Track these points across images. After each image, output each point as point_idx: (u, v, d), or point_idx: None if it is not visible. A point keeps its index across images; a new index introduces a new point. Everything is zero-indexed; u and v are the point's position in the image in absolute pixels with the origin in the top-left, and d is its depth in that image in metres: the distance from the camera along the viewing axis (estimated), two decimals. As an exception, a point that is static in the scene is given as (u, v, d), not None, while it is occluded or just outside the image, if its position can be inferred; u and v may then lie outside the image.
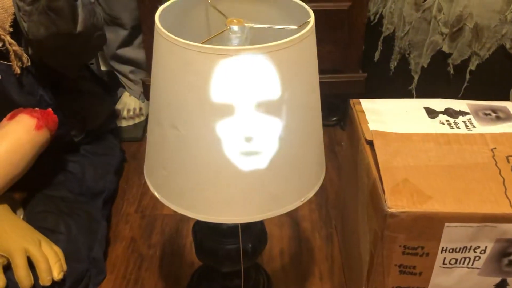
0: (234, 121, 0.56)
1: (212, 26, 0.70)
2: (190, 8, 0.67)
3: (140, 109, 1.42)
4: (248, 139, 0.57)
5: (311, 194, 0.66)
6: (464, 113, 0.82)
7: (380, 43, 1.23)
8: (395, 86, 1.23)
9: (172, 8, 0.63)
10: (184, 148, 0.59)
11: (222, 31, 0.61)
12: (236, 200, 0.61)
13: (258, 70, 0.54)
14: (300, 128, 0.61)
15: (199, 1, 0.67)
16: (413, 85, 1.17)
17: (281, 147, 0.59)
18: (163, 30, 0.55)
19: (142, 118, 1.41)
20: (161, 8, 0.61)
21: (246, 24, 0.61)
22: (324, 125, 1.37)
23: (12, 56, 0.89)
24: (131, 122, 1.39)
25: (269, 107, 0.56)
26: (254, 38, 0.65)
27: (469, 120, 0.80)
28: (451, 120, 0.80)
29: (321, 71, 0.64)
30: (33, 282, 0.79)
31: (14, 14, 0.86)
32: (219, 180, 0.59)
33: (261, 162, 0.59)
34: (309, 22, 0.59)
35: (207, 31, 0.70)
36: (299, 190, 0.64)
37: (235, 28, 0.61)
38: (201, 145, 0.58)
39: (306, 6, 0.62)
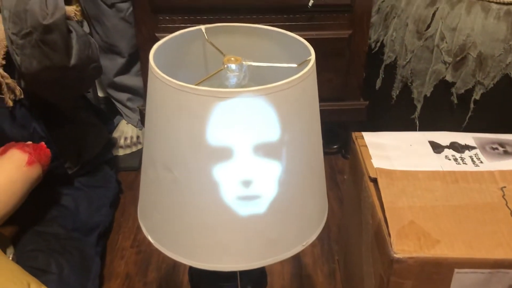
0: (232, 164, 0.53)
1: (210, 61, 0.68)
2: (186, 43, 0.65)
3: (138, 137, 1.39)
4: (246, 183, 0.54)
5: (313, 238, 0.63)
6: (470, 148, 0.79)
7: (381, 71, 1.20)
8: (397, 115, 1.21)
9: (167, 45, 0.61)
10: (178, 192, 0.56)
11: (220, 70, 0.59)
12: (234, 247, 0.57)
13: (257, 112, 0.51)
14: (301, 170, 0.58)
15: (196, 37, 0.65)
16: (416, 114, 1.15)
17: (280, 191, 0.56)
18: (157, 70, 0.53)
19: (140, 147, 1.39)
20: (155, 46, 0.58)
21: (244, 63, 0.59)
22: (325, 153, 1.34)
23: (5, 89, 0.87)
24: (128, 151, 1.37)
25: (268, 150, 0.54)
26: (252, 75, 0.62)
27: (476, 155, 0.77)
28: (457, 155, 0.77)
29: (322, 99, 0.62)
30: (21, 328, 0.75)
31: (7, 46, 0.84)
32: (215, 226, 0.56)
33: (260, 206, 0.56)
34: (309, 60, 0.56)
35: (205, 67, 0.68)
36: (300, 235, 0.61)
37: (233, 66, 0.58)
38: (196, 189, 0.55)
39: (306, 43, 0.60)
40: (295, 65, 0.59)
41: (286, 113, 0.53)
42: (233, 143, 0.52)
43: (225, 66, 0.59)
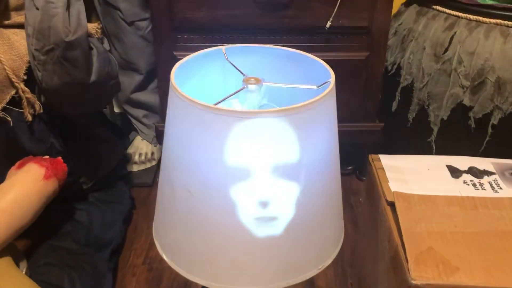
0: (250, 184, 0.53)
1: (229, 81, 0.68)
2: (207, 63, 0.65)
3: (152, 153, 1.40)
4: (264, 204, 0.54)
5: (329, 261, 0.62)
6: (489, 173, 0.78)
7: (398, 94, 1.20)
8: (413, 137, 1.20)
9: (188, 64, 0.61)
10: (195, 211, 0.56)
11: (239, 90, 0.59)
12: (249, 269, 0.57)
13: (276, 133, 0.51)
14: (319, 192, 0.57)
15: (215, 57, 0.65)
16: (432, 137, 1.14)
17: (298, 213, 0.56)
18: (178, 89, 0.53)
19: (154, 163, 1.39)
20: (177, 65, 0.59)
21: (264, 83, 0.59)
22: (339, 175, 1.34)
23: (25, 104, 0.88)
24: (142, 167, 1.37)
25: (286, 171, 0.53)
26: (271, 95, 0.62)
27: (495, 180, 0.76)
28: (476, 180, 0.76)
29: (338, 120, 0.62)
30: None
31: (29, 62, 0.86)
32: (231, 246, 0.56)
33: (276, 228, 0.55)
34: (329, 82, 0.56)
35: (224, 87, 0.68)
36: (316, 257, 0.60)
37: (253, 87, 0.59)
38: (213, 209, 0.55)
39: (326, 65, 0.60)
40: (315, 87, 0.59)
41: (305, 135, 0.53)
42: (251, 163, 0.52)
43: (245, 86, 0.59)
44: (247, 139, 0.51)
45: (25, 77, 0.87)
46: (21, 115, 0.89)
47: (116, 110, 1.54)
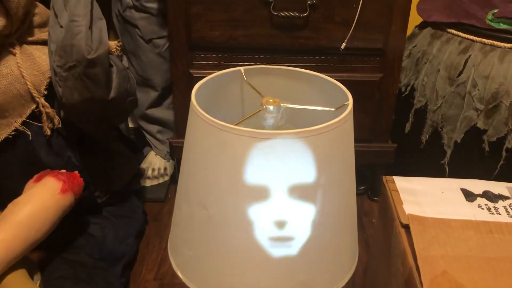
0: (267, 204, 0.53)
1: (247, 101, 0.69)
2: (225, 83, 0.67)
3: (165, 169, 1.41)
4: (281, 224, 0.54)
5: (343, 282, 0.62)
6: (504, 197, 0.78)
7: (411, 115, 1.21)
8: (426, 159, 1.20)
9: (208, 84, 0.63)
10: (212, 229, 0.56)
11: (258, 111, 0.60)
12: (264, 288, 0.57)
13: (295, 154, 0.52)
14: (335, 213, 0.58)
15: (234, 77, 0.67)
16: (446, 160, 1.14)
17: (314, 233, 0.56)
18: (199, 109, 0.54)
19: (167, 178, 1.40)
20: (197, 85, 0.60)
21: (282, 104, 0.60)
22: (351, 194, 1.34)
23: (44, 118, 0.90)
24: (155, 182, 1.38)
25: (303, 192, 0.54)
26: (289, 117, 0.63)
27: (510, 205, 0.76)
28: (491, 204, 0.76)
29: None
30: None
31: (50, 77, 0.88)
32: (247, 265, 0.56)
33: (292, 248, 0.56)
34: (347, 105, 0.57)
35: (241, 107, 0.70)
36: (331, 279, 0.60)
37: (271, 108, 0.60)
38: (230, 227, 0.55)
39: (343, 88, 0.61)
40: (333, 109, 0.60)
41: (323, 156, 0.54)
42: (269, 184, 0.53)
43: (264, 107, 0.60)
44: (266, 159, 0.52)
45: (45, 92, 0.89)
46: (40, 129, 0.91)
47: (131, 125, 1.56)
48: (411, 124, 1.21)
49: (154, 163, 1.41)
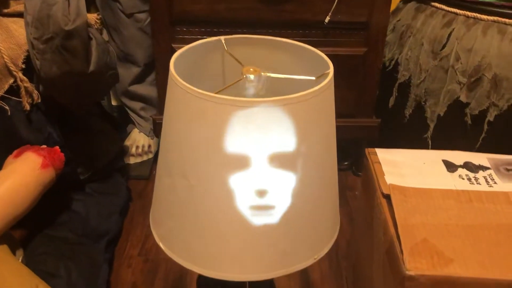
0: (247, 173, 0.53)
1: (228, 72, 0.68)
2: (205, 53, 0.65)
3: (149, 146, 1.40)
4: (261, 193, 0.54)
5: (325, 251, 0.62)
6: (484, 168, 0.79)
7: (395, 90, 1.21)
8: (409, 134, 1.20)
9: (188, 53, 0.62)
10: (193, 199, 0.56)
11: (238, 80, 0.59)
12: (245, 257, 0.57)
13: (275, 122, 0.52)
14: (316, 182, 0.58)
15: (215, 47, 0.66)
16: (429, 134, 1.15)
17: (294, 202, 0.56)
18: (177, 77, 0.54)
19: (151, 156, 1.39)
20: (176, 53, 0.59)
21: (262, 74, 0.60)
22: (336, 170, 1.34)
23: (23, 93, 0.88)
24: (139, 160, 1.37)
25: (284, 161, 0.54)
26: (270, 86, 0.63)
27: (490, 175, 0.77)
28: (471, 175, 0.77)
29: (335, 115, 0.62)
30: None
31: (28, 51, 0.86)
32: (228, 234, 0.56)
33: (273, 217, 0.56)
34: (328, 73, 0.57)
35: (222, 77, 0.69)
36: (312, 247, 0.61)
37: (252, 77, 0.59)
38: (211, 197, 0.55)
39: (324, 56, 0.61)
40: (313, 78, 0.59)
41: (304, 125, 0.53)
42: (249, 152, 0.52)
43: (244, 76, 0.59)
44: (246, 128, 0.51)
45: (23, 66, 0.87)
46: (19, 105, 0.89)
47: (114, 102, 1.54)
48: (395, 98, 1.22)
49: (138, 140, 1.40)
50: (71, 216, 0.98)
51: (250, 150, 0.52)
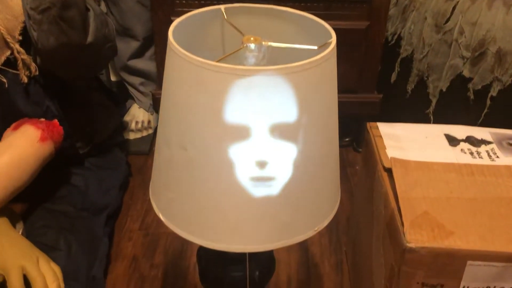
0: (248, 144, 0.52)
1: (228, 42, 0.67)
2: (205, 22, 0.64)
3: (149, 122, 1.39)
4: (261, 164, 0.54)
5: (325, 223, 0.62)
6: (486, 142, 0.78)
7: (397, 65, 1.19)
8: (411, 109, 1.19)
9: (186, 22, 0.60)
10: (192, 170, 0.56)
11: (239, 49, 0.58)
12: (245, 228, 0.57)
13: (276, 92, 0.51)
14: (317, 154, 0.57)
15: (214, 16, 0.64)
16: (431, 109, 1.14)
17: (295, 174, 0.55)
18: (176, 46, 0.52)
19: (150, 131, 1.39)
20: (175, 22, 0.58)
21: (263, 43, 0.58)
22: (336, 146, 1.34)
23: (20, 65, 0.87)
24: (138, 135, 1.37)
25: (285, 131, 0.53)
26: (271, 57, 0.62)
27: (492, 150, 0.76)
28: (473, 149, 0.76)
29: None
30: (28, 302, 0.75)
31: (24, 22, 0.84)
32: (228, 205, 0.56)
33: (273, 188, 0.55)
34: (330, 43, 0.56)
35: (222, 47, 0.67)
36: (312, 219, 0.60)
37: (252, 46, 0.58)
38: (211, 168, 0.54)
39: (327, 26, 0.59)
40: (315, 47, 0.58)
41: (305, 95, 0.52)
42: (250, 122, 0.51)
43: (244, 45, 0.58)
44: (246, 97, 0.50)
45: (20, 38, 0.86)
46: (17, 77, 0.88)
47: (113, 78, 1.53)
48: (397, 74, 1.20)
49: (138, 116, 1.39)
50: (71, 190, 0.98)
51: (250, 120, 0.51)
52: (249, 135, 0.52)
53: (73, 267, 0.84)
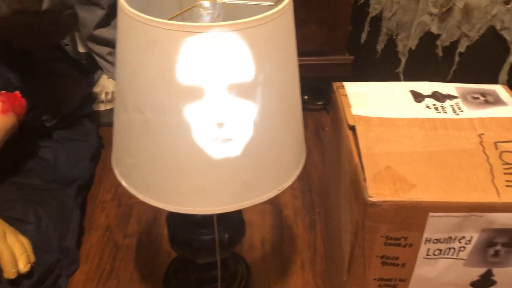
0: (204, 104, 0.52)
1: (186, 4, 0.65)
2: (159, -18, 0.62)
3: (119, 92, 1.37)
4: (220, 125, 0.53)
5: (289, 182, 0.62)
6: (452, 97, 0.79)
7: (367, 24, 1.18)
8: (382, 69, 1.19)
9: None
10: (150, 133, 0.55)
11: (192, 7, 0.56)
12: (208, 190, 0.57)
13: (230, 49, 0.50)
14: (277, 112, 0.57)
15: (169, -25, 0.62)
16: (401, 68, 1.14)
17: (255, 133, 0.55)
18: (125, 5, 0.51)
19: (121, 102, 1.36)
20: (125, -19, 0.56)
21: (218, 0, 0.57)
22: (309, 110, 1.34)
23: (-25, 36, 0.84)
24: (109, 106, 1.34)
25: (242, 90, 0.52)
26: (227, 16, 0.60)
27: (457, 104, 0.77)
28: (438, 104, 0.77)
29: (306, 53, 0.60)
30: (-3, 275, 0.75)
31: (-25, -11, 0.81)
32: (188, 168, 0.55)
33: (234, 149, 0.55)
34: (286, -3, 0.54)
35: (179, 9, 0.65)
36: (275, 179, 0.60)
37: (206, 3, 0.56)
38: (168, 130, 0.54)
39: (283, -19, 0.58)
40: (271, 3, 0.57)
41: (261, 51, 0.51)
42: (204, 82, 0.50)
43: (198, 2, 0.56)
44: (199, 55, 0.49)
45: (-28, 7, 0.82)
46: (-28, 48, 0.85)
47: (81, 50, 1.49)
48: (367, 34, 1.19)
49: (107, 86, 1.36)
50: (39, 163, 0.97)
51: (205, 79, 0.50)
52: (205, 95, 0.51)
53: (44, 239, 0.84)
